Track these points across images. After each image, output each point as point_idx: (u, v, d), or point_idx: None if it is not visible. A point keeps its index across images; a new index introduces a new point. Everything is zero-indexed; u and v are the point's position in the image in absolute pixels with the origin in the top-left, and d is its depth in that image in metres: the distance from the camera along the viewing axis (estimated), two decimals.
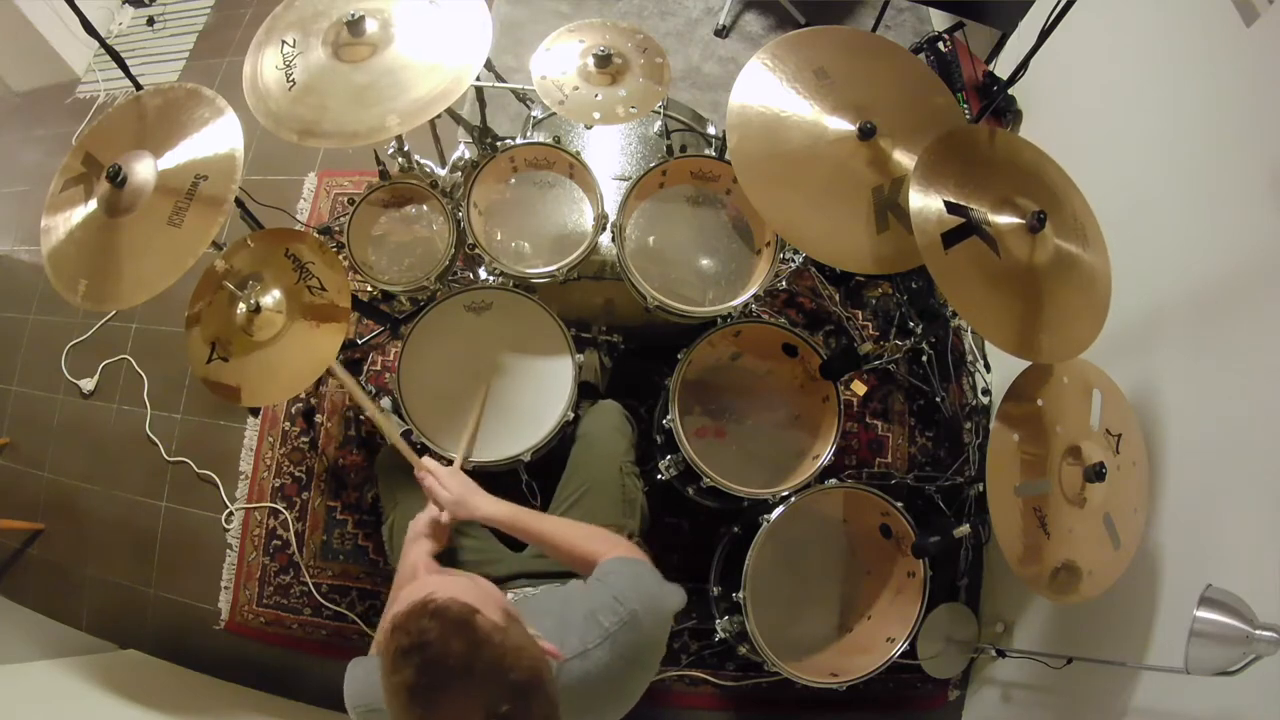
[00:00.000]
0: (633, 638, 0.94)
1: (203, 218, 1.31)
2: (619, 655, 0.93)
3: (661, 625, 1.00)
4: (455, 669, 0.73)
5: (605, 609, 0.95)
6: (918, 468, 2.11)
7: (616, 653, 0.93)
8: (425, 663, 0.73)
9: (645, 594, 0.99)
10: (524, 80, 1.68)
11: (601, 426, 1.56)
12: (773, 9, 2.74)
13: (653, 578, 1.05)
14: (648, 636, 0.97)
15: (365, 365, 2.22)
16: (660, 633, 1.00)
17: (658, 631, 0.99)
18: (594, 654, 0.92)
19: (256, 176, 2.45)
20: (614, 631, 0.93)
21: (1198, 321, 1.46)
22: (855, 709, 1.88)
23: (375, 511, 2.09)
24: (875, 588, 1.64)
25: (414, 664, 0.73)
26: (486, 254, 1.56)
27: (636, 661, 0.96)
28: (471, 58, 1.40)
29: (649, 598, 0.99)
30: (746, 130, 1.34)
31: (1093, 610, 1.48)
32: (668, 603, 1.03)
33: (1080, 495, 1.35)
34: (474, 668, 0.74)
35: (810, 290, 2.23)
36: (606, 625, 0.93)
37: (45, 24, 2.74)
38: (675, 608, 1.05)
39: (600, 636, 0.93)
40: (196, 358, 1.47)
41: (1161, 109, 1.62)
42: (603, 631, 0.93)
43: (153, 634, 2.11)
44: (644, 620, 0.95)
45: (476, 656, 0.74)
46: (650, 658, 0.99)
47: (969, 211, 1.25)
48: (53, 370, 2.39)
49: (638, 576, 1.03)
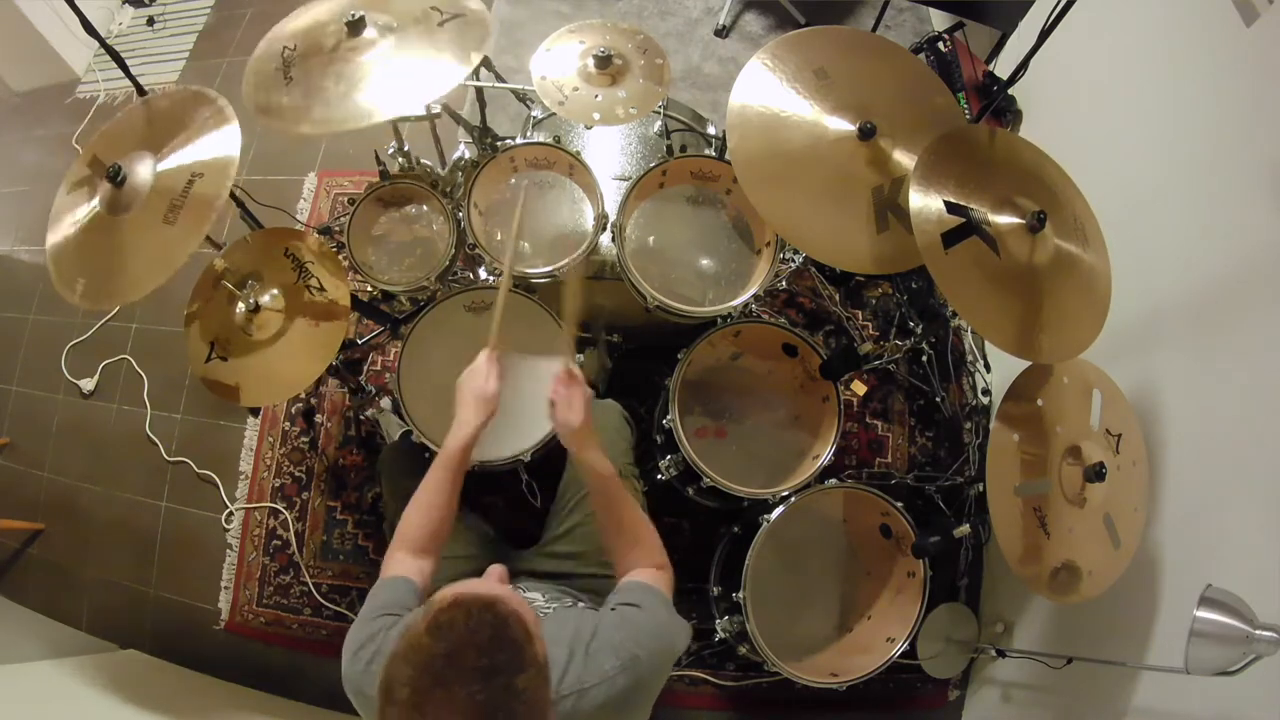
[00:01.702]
0: (630, 681, 0.93)
1: (196, 215, 1.32)
2: (613, 699, 0.92)
3: (663, 669, 0.99)
4: (482, 669, 0.74)
5: (608, 651, 0.94)
6: (918, 468, 2.11)
7: (611, 695, 0.92)
8: (461, 646, 0.74)
9: (656, 640, 0.98)
10: (524, 80, 1.68)
11: (601, 427, 1.55)
12: (773, 9, 2.74)
13: (671, 620, 1.04)
14: (644, 681, 0.96)
15: (365, 365, 2.22)
16: (659, 677, 0.99)
17: (657, 676, 0.99)
18: (590, 694, 0.91)
19: (257, 176, 2.45)
20: (612, 675, 0.92)
21: (1198, 321, 1.46)
22: (855, 709, 1.88)
23: (375, 511, 2.09)
24: (875, 588, 1.64)
25: (452, 641, 0.74)
26: (486, 254, 1.56)
27: (629, 704, 0.95)
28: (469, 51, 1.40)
29: (659, 643, 0.98)
30: (746, 130, 1.34)
31: (1093, 610, 1.48)
32: (676, 648, 1.02)
33: (1080, 495, 1.35)
34: (497, 678, 0.74)
35: (810, 290, 2.23)
36: (607, 668, 0.92)
37: (45, 24, 2.74)
38: (682, 649, 1.04)
39: (599, 678, 0.92)
40: (196, 357, 1.47)
41: (1161, 109, 1.62)
42: (602, 674, 0.92)
43: (153, 634, 2.11)
44: (644, 664, 0.95)
45: (506, 671, 0.75)
46: (643, 702, 0.98)
47: (969, 212, 1.25)
48: (53, 370, 2.39)
49: (655, 619, 1.01)
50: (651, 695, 0.99)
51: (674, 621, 1.05)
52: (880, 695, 1.91)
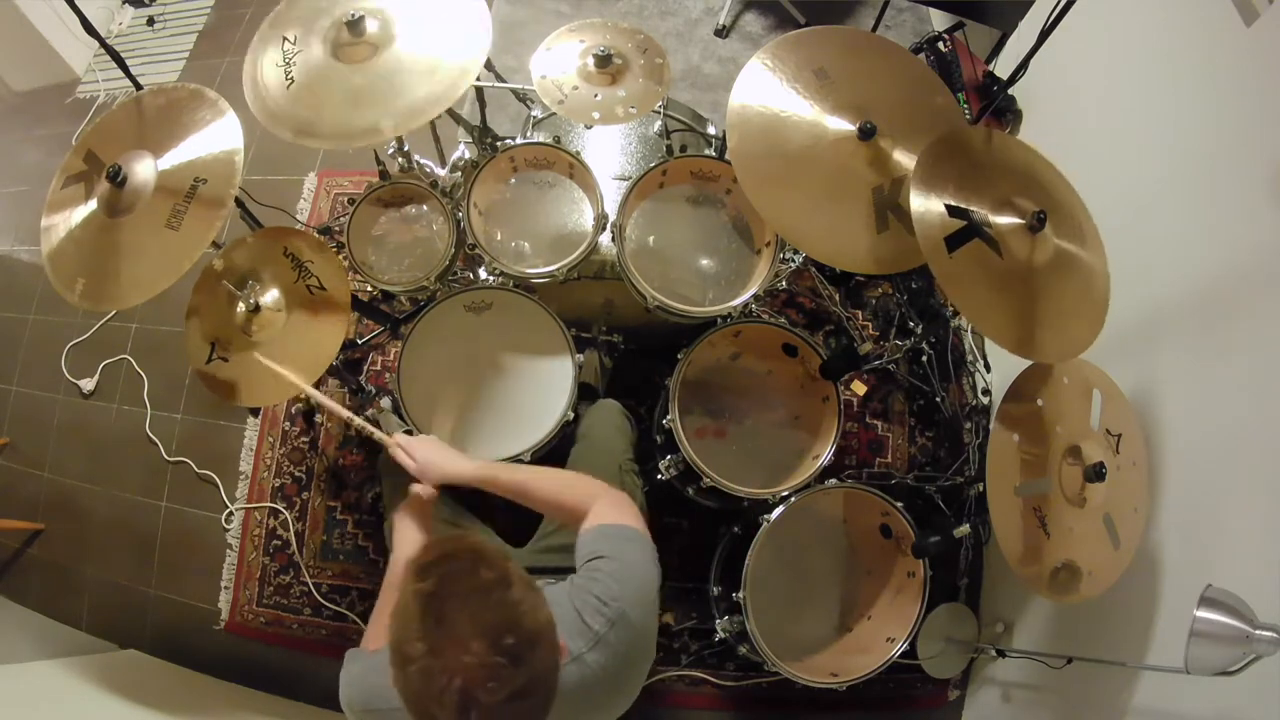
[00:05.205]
0: (624, 635, 0.94)
1: (201, 221, 1.31)
2: (613, 655, 0.93)
3: (650, 613, 1.00)
4: (476, 588, 0.77)
5: (592, 610, 0.94)
6: (918, 468, 2.11)
7: (610, 653, 0.93)
8: (449, 575, 0.77)
9: (632, 585, 0.98)
10: (524, 80, 1.68)
11: (601, 426, 1.56)
12: (773, 9, 2.74)
13: (637, 552, 1.03)
14: (639, 631, 0.96)
15: (365, 365, 2.22)
16: (650, 621, 1.00)
17: (648, 621, 0.99)
18: (587, 658, 0.92)
19: (256, 176, 2.45)
20: (604, 634, 0.93)
21: (1198, 321, 1.46)
22: (855, 709, 1.88)
23: (375, 511, 2.09)
24: (875, 588, 1.64)
25: (438, 574, 0.77)
26: (486, 254, 1.56)
27: (630, 659, 0.96)
28: (468, 64, 1.40)
29: (636, 588, 0.98)
30: (746, 130, 1.34)
31: (1093, 610, 1.48)
32: (652, 582, 1.02)
33: (1080, 495, 1.35)
34: (492, 594, 0.77)
35: (810, 290, 2.23)
36: (596, 629, 0.93)
37: (45, 24, 2.73)
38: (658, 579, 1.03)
39: (591, 640, 0.92)
40: (196, 357, 1.47)
41: (1161, 109, 1.62)
42: (593, 635, 0.93)
43: (153, 634, 2.11)
44: (633, 616, 0.95)
45: (497, 588, 0.78)
46: (645, 651, 0.99)
47: (971, 214, 1.25)
48: (53, 370, 2.39)
49: (623, 562, 1.00)
50: (649, 643, 1.00)
51: (642, 550, 1.03)
52: (880, 695, 1.91)
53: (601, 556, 1.01)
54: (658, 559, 1.05)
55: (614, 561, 1.00)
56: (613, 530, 1.05)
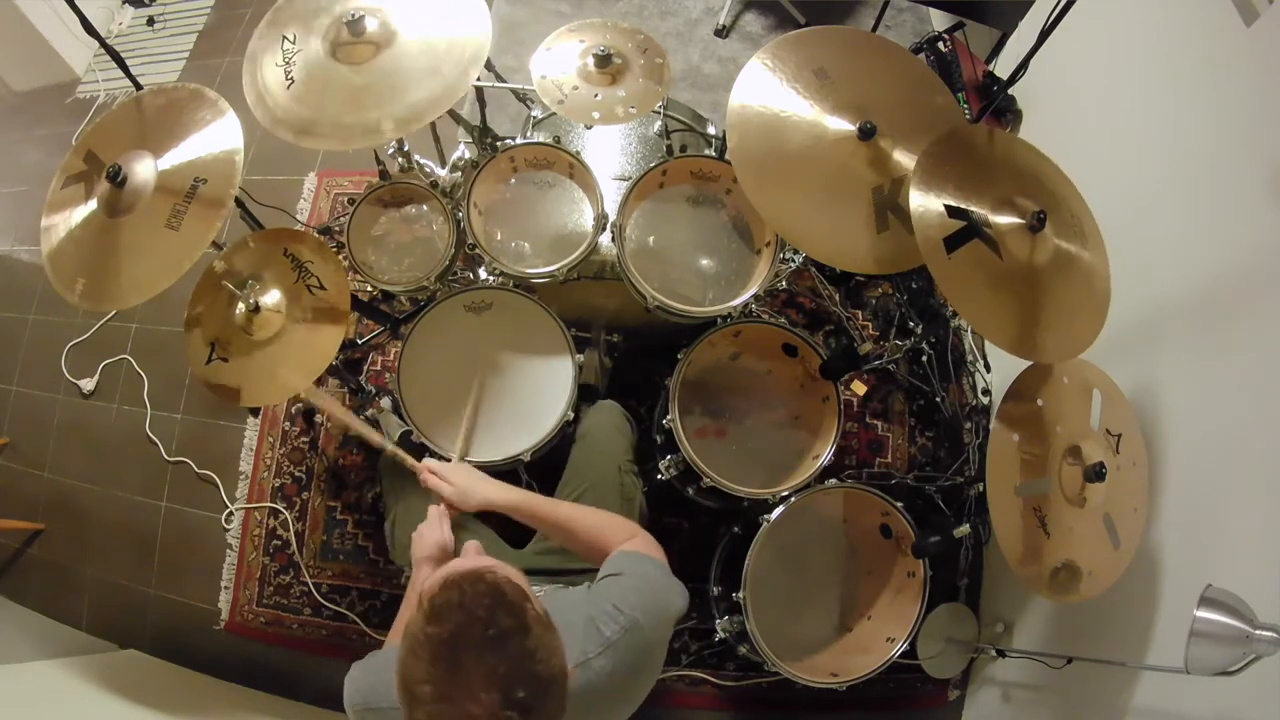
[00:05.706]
0: (634, 644, 0.94)
1: (201, 221, 1.31)
2: (620, 664, 0.92)
3: (664, 629, 1.00)
4: (491, 639, 0.75)
5: (606, 617, 0.94)
6: (918, 468, 2.11)
7: (617, 661, 0.92)
8: (466, 623, 0.75)
9: (649, 599, 0.98)
10: (524, 80, 1.68)
11: (601, 426, 1.56)
12: (773, 9, 2.74)
13: (660, 577, 1.04)
14: (649, 643, 0.96)
15: (365, 365, 2.22)
16: (662, 636, 0.99)
17: (659, 636, 0.99)
18: (594, 663, 0.91)
19: (256, 176, 2.45)
20: (614, 640, 0.93)
21: (1198, 321, 1.46)
22: (855, 709, 1.88)
23: (375, 511, 2.09)
24: (875, 588, 1.64)
25: (454, 622, 0.75)
26: (486, 254, 1.56)
27: (636, 669, 0.95)
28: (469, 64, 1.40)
29: (652, 603, 0.98)
30: (746, 130, 1.33)
31: (1093, 610, 1.48)
32: (672, 606, 1.02)
33: (1080, 495, 1.35)
34: (508, 645, 0.75)
35: (810, 290, 2.23)
36: (607, 634, 0.93)
37: (45, 24, 2.74)
38: (679, 610, 1.04)
39: (601, 645, 0.92)
40: (196, 358, 1.47)
41: (1161, 109, 1.62)
42: (603, 640, 0.92)
43: (153, 634, 2.11)
44: (645, 627, 0.95)
45: (515, 635, 0.76)
46: (652, 663, 0.99)
47: (970, 215, 1.25)
48: (53, 370, 2.39)
49: (644, 578, 1.02)
50: (657, 659, 0.99)
51: (666, 579, 1.05)
52: (880, 695, 1.91)
53: (625, 572, 1.02)
54: (687, 596, 1.06)
55: (636, 577, 1.02)
56: (643, 556, 1.07)
